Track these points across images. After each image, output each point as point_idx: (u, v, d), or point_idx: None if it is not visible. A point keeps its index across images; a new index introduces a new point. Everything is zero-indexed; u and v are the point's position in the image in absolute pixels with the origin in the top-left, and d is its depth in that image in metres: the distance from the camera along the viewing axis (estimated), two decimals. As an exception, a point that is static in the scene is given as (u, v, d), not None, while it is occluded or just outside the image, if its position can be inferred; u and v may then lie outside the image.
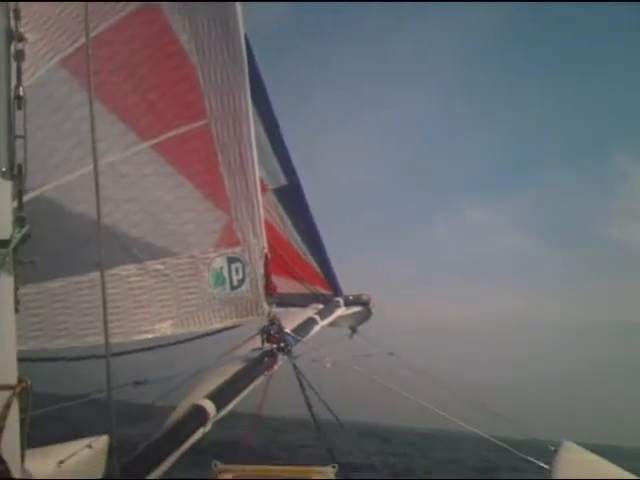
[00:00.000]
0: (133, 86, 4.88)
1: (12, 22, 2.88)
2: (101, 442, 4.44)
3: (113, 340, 3.82)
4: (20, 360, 2.89)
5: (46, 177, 4.57)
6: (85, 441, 4.46)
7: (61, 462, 3.99)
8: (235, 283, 5.25)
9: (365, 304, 7.38)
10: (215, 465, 4.19)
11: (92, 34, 4.53)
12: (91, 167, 4.53)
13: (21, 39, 2.86)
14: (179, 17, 5.04)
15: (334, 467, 4.40)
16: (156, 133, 4.96)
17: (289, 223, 7.15)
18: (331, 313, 6.77)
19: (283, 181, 6.97)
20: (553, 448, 4.97)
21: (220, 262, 5.20)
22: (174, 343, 5.19)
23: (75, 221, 4.66)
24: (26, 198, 2.93)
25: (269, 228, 5.91)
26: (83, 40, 4.51)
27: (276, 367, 5.40)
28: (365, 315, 7.44)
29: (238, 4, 5.20)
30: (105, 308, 3.22)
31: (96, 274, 4.62)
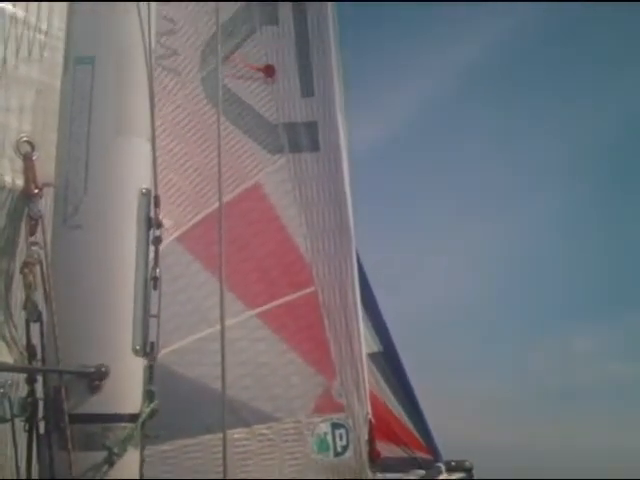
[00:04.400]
0: (244, 257, 5.16)
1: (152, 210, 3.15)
2: None
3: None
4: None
5: (164, 342, 4.78)
6: None
7: None
8: (339, 449, 5.23)
9: (468, 470, 7.12)
10: None
11: (208, 210, 4.93)
12: (205, 332, 4.82)
13: (159, 226, 3.13)
14: (287, 192, 5.37)
15: None
16: (265, 301, 5.19)
17: (385, 386, 7.11)
18: (433, 480, 6.56)
19: (379, 346, 7.01)
20: None
21: (324, 428, 5.22)
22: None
23: (188, 385, 4.84)
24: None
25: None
26: (199, 217, 4.91)
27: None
28: (467, 482, 7.15)
29: (346, 173, 5.47)
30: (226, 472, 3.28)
31: (206, 437, 4.74)
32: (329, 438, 5.23)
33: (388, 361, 6.90)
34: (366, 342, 6.64)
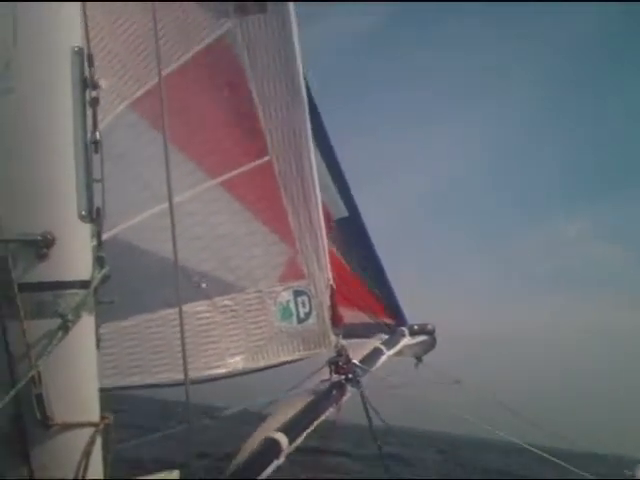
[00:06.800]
0: (200, 125, 5.03)
1: (86, 69, 2.99)
2: (173, 476, 4.51)
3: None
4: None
5: (117, 219, 4.70)
6: (157, 476, 4.53)
7: None
8: (302, 316, 5.31)
9: (430, 333, 7.30)
10: None
11: (153, 81, 4.71)
12: (159, 208, 4.73)
13: (96, 87, 2.98)
14: (236, 56, 5.18)
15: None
16: (223, 171, 5.10)
17: (351, 253, 7.16)
18: (397, 343, 6.71)
19: (344, 212, 6.99)
20: (629, 473, 4.80)
21: (286, 296, 5.27)
22: (244, 373, 5.26)
23: (144, 261, 4.81)
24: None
25: (332, 259, 5.93)
26: (152, 83, 4.69)
27: (345, 399, 5.39)
28: (430, 344, 7.35)
29: (296, 38, 5.29)
30: (184, 342, 3.28)
31: (166, 312, 4.76)
32: (292, 305, 5.29)
33: (353, 226, 6.92)
34: (331, 207, 6.63)
